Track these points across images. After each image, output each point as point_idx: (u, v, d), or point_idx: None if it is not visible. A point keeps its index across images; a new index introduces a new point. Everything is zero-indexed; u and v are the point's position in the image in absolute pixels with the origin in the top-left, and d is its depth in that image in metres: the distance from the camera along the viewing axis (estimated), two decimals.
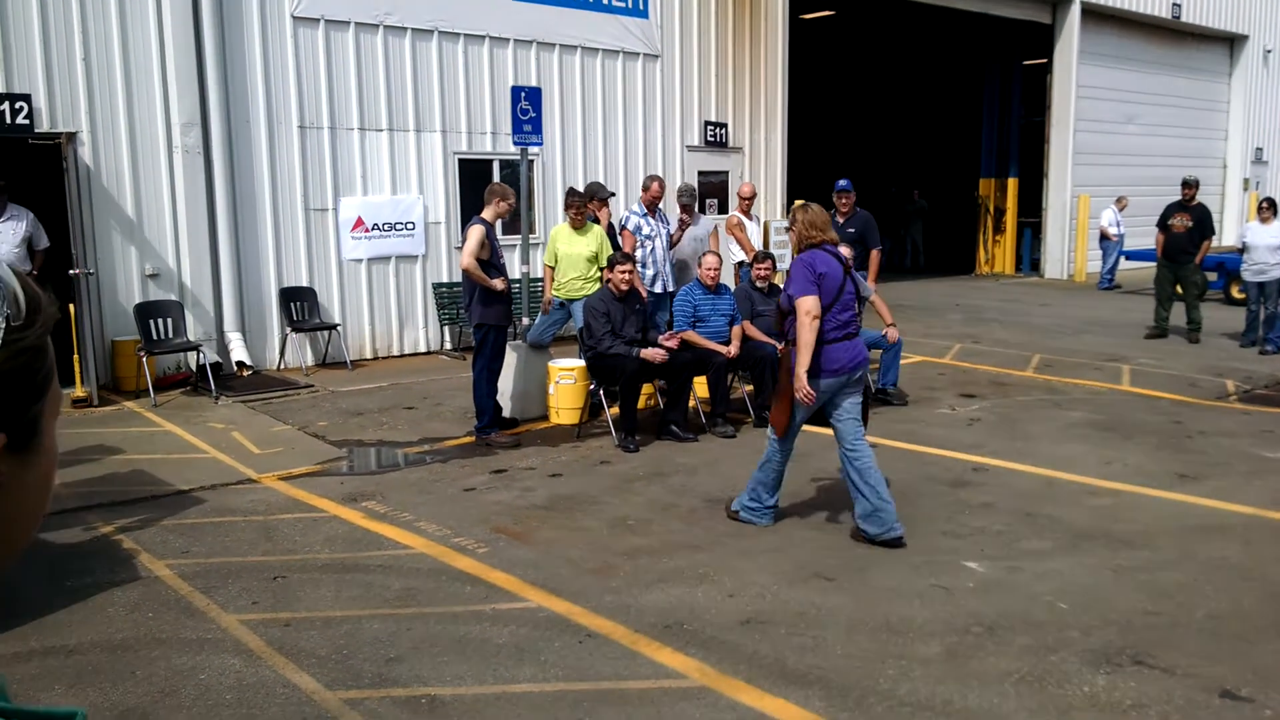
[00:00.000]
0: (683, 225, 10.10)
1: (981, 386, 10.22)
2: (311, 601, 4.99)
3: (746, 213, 11.11)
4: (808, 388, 5.64)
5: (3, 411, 0.75)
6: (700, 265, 8.77)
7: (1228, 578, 5.20)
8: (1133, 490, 6.72)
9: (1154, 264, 13.61)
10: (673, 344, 8.16)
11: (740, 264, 10.84)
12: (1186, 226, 12.88)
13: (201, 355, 9.98)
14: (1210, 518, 6.17)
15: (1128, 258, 19.39)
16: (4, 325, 0.75)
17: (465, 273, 7.94)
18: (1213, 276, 16.49)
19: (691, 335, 8.48)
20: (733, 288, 9.26)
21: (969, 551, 5.59)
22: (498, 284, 7.90)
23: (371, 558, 5.59)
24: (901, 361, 9.58)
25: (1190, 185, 13.09)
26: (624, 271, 8.17)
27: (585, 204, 9.18)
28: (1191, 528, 5.98)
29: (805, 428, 8.51)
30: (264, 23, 10.80)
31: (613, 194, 10.54)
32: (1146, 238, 16.09)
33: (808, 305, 5.64)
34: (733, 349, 8.42)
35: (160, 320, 9.98)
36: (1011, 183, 22.49)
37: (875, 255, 10.40)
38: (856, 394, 5.86)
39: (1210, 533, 5.89)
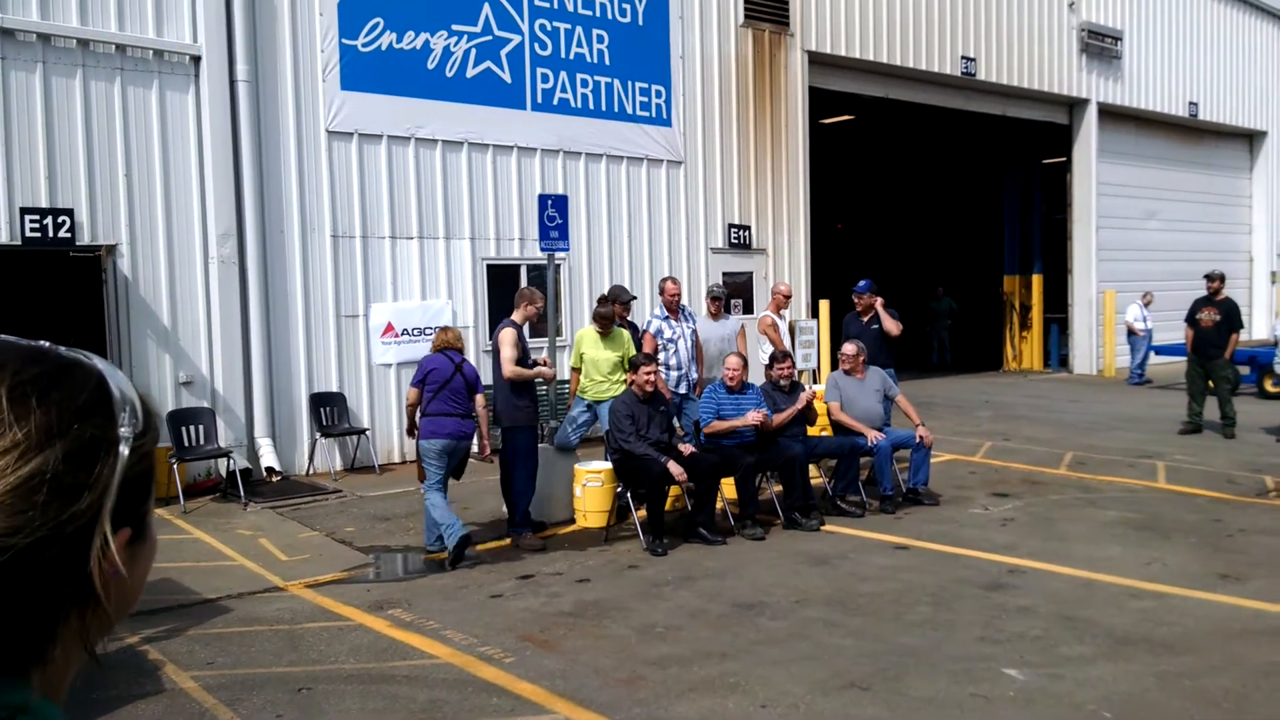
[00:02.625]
0: (711, 315, 10.31)
1: (1014, 485, 10.08)
2: (336, 714, 4.91)
3: (778, 311, 11.19)
4: (409, 435, 8.29)
5: (129, 510, 0.85)
6: (724, 366, 8.80)
7: (1277, 684, 5.02)
8: (1174, 592, 6.55)
9: (1184, 359, 13.51)
10: (686, 449, 8.29)
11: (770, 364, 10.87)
12: (1214, 321, 12.81)
13: (232, 461, 10.05)
14: (1256, 620, 5.99)
15: (1157, 352, 19.26)
16: (132, 436, 0.84)
17: (510, 379, 8.04)
18: (1245, 370, 16.32)
19: (716, 424, 8.47)
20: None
21: (1008, 658, 5.45)
22: (545, 370, 8.37)
23: (397, 668, 5.51)
24: (932, 460, 9.48)
25: (1214, 279, 13.06)
26: (647, 373, 8.22)
27: (611, 308, 9.28)
28: (1237, 631, 5.80)
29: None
30: (300, 137, 11.16)
31: (634, 297, 10.66)
32: (1175, 332, 16.02)
33: (410, 394, 8.05)
34: (774, 418, 8.59)
35: (192, 427, 10.09)
36: (1036, 279, 22.55)
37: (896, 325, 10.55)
38: (455, 459, 7.91)
39: (1257, 636, 5.71)
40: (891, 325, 10.47)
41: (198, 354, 10.60)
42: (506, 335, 8.08)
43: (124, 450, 0.83)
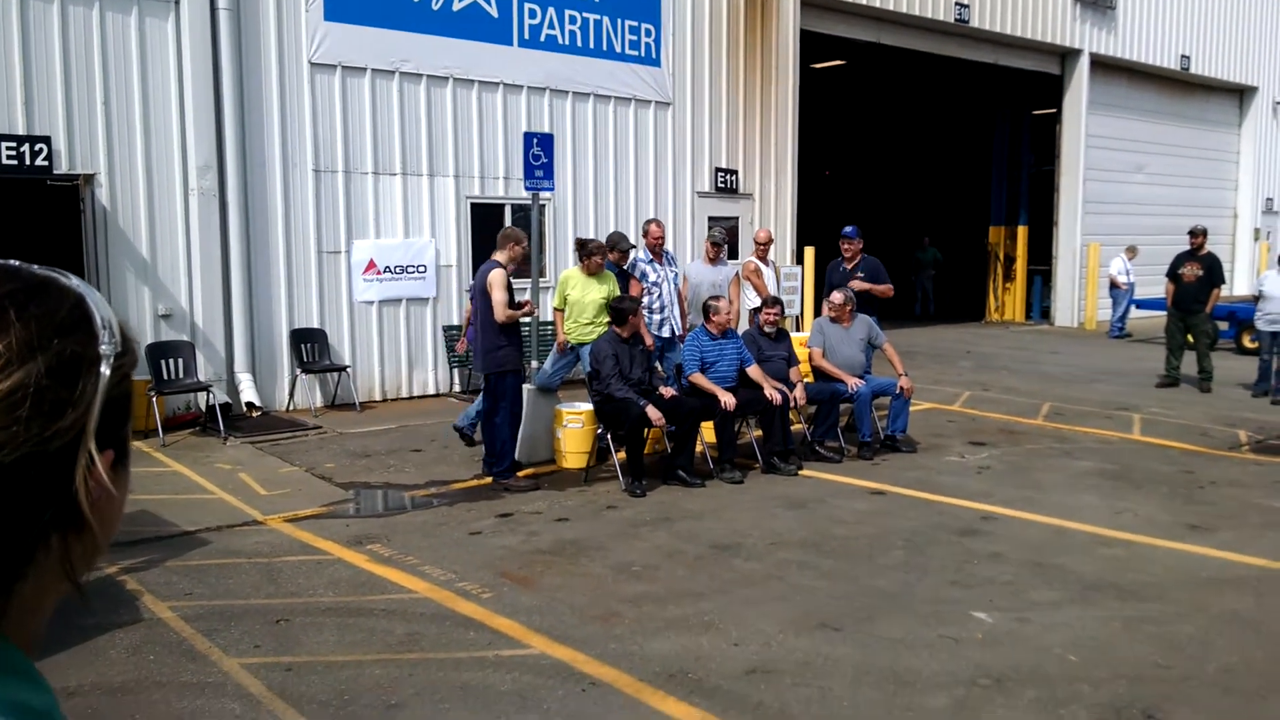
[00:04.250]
0: (709, 260, 10.28)
1: (991, 434, 10.18)
2: (314, 645, 4.96)
3: (763, 258, 11.16)
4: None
5: (111, 431, 0.84)
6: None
7: (1239, 631, 5.14)
8: (1144, 541, 6.66)
9: (1164, 313, 13.60)
10: (668, 392, 8.27)
11: (757, 310, 10.86)
12: (1197, 275, 12.87)
13: (211, 396, 10.02)
14: (1222, 570, 6.10)
15: (1138, 306, 19.36)
16: (113, 355, 0.83)
17: (501, 323, 7.95)
18: (1224, 326, 16.43)
19: (698, 378, 8.49)
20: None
21: (977, 602, 5.54)
22: (530, 307, 8.22)
23: (375, 601, 5.56)
24: (911, 409, 9.54)
25: (1197, 234, 13.09)
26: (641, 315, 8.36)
27: (607, 252, 9.19)
28: (1203, 580, 5.91)
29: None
30: (282, 68, 10.96)
31: (633, 246, 10.56)
32: (1157, 286, 16.09)
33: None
34: (798, 394, 8.77)
35: (171, 360, 10.03)
36: (1021, 230, 22.57)
37: (887, 289, 10.52)
38: None
39: (1222, 585, 5.82)
40: (876, 288, 10.43)
41: (177, 286, 10.51)
42: (498, 277, 7.94)
43: (105, 370, 0.82)
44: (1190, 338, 13.03)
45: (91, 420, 0.81)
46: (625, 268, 9.82)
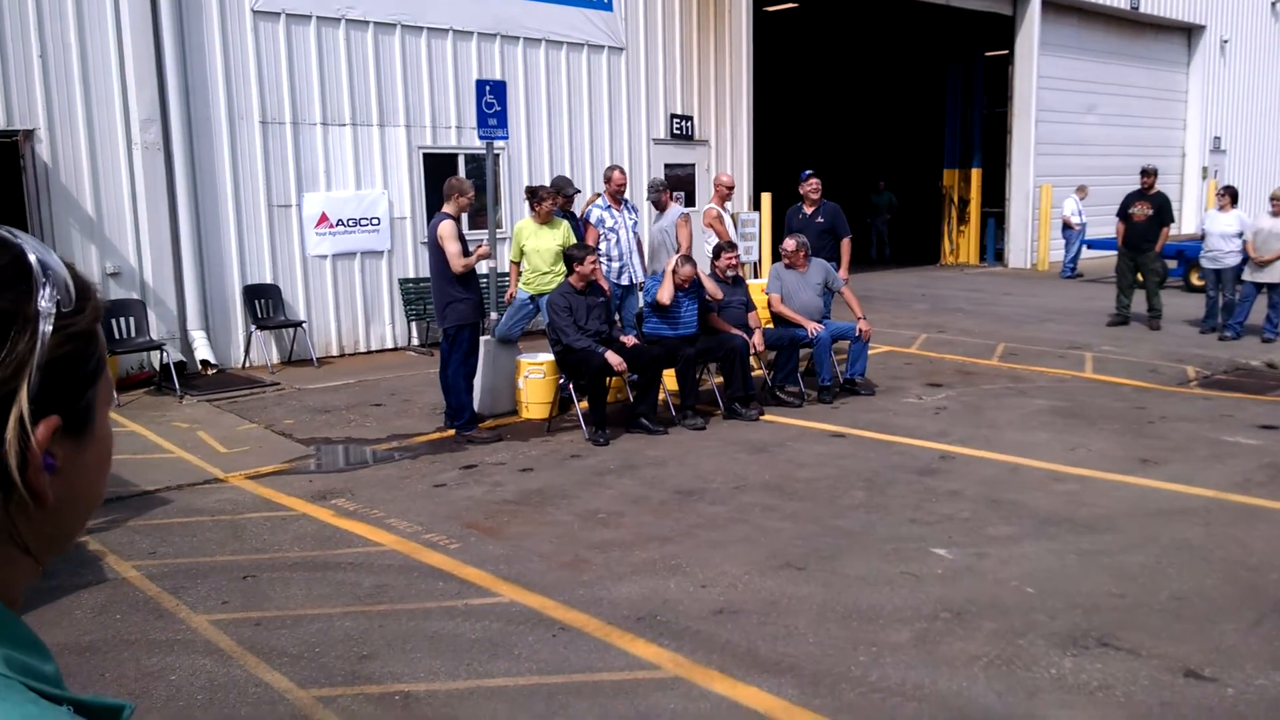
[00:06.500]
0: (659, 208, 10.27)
1: (948, 375, 10.32)
2: (282, 600, 4.96)
3: (723, 204, 11.12)
4: None
5: (58, 395, 0.79)
6: (674, 267, 8.66)
7: (1189, 559, 5.30)
8: (1096, 475, 6.82)
9: (1115, 253, 13.79)
10: (629, 340, 8.26)
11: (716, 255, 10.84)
12: (1146, 215, 13.05)
13: (165, 354, 9.86)
14: (1172, 501, 6.27)
15: (1089, 246, 19.61)
16: (55, 312, 0.79)
17: (457, 274, 7.86)
18: (1173, 264, 16.69)
19: (663, 292, 8.51)
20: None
21: (937, 538, 5.65)
22: (484, 251, 8.09)
23: (342, 555, 5.56)
24: (869, 352, 9.64)
25: (1149, 174, 13.25)
26: (591, 263, 8.21)
27: (555, 197, 9.14)
28: (1154, 511, 6.08)
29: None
30: (224, 17, 10.67)
31: (578, 191, 10.52)
32: (1108, 227, 16.29)
33: None
34: (757, 340, 8.89)
35: (122, 319, 9.86)
36: (975, 173, 22.68)
37: (846, 244, 10.49)
38: None
39: (1172, 516, 5.99)
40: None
41: (124, 244, 10.28)
42: (447, 229, 7.87)
43: (45, 327, 0.77)
44: (1140, 276, 13.25)
45: (24, 382, 0.76)
46: (581, 216, 9.78)
